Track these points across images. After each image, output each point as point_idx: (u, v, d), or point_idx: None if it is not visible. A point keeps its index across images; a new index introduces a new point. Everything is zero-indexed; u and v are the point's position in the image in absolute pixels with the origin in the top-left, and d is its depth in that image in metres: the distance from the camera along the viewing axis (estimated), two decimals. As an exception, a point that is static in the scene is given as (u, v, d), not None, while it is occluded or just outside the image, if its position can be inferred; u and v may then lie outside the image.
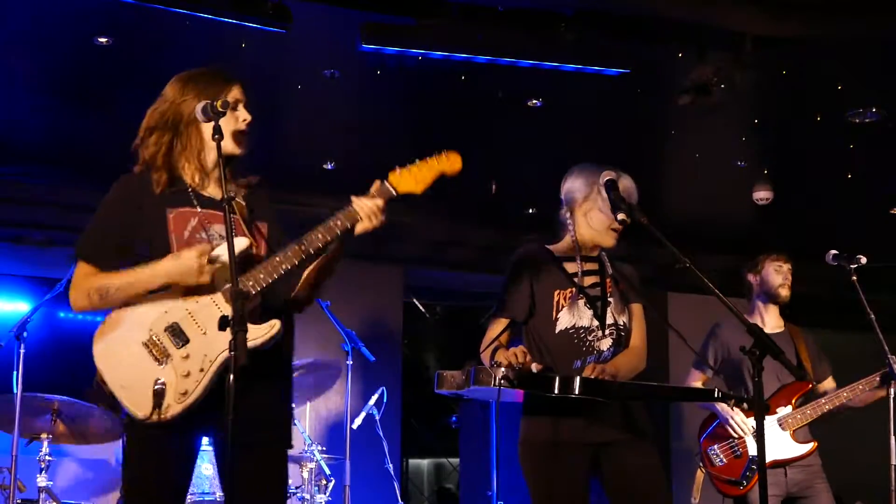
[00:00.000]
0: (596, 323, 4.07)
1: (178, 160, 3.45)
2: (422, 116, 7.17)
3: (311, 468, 6.50)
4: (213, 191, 3.49)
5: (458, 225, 9.18)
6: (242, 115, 3.50)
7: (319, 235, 3.34)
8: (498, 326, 4.17)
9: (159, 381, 3.26)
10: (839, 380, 5.63)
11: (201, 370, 3.27)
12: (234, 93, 3.50)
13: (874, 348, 5.28)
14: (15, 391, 5.74)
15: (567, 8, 5.67)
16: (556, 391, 3.65)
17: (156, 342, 3.30)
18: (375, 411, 7.18)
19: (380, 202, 3.38)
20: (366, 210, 3.36)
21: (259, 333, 3.27)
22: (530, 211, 8.08)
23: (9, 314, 8.03)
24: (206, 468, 6.12)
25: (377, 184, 3.43)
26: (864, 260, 5.37)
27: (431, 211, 8.92)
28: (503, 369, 3.65)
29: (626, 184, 4.05)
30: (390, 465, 7.30)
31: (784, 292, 5.67)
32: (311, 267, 3.50)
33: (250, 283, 3.28)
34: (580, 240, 4.17)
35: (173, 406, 3.25)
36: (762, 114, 6.97)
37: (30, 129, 7.32)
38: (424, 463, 11.84)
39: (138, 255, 3.38)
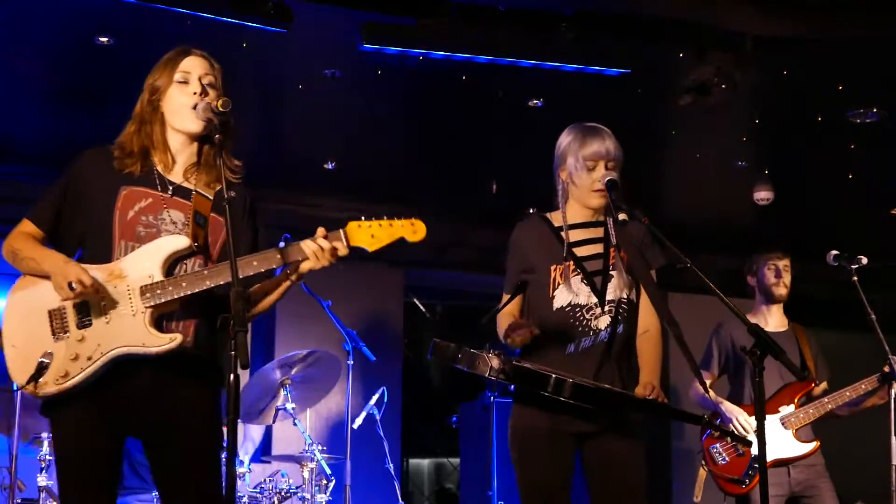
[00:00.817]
0: (594, 300, 3.98)
1: (148, 146, 3.42)
2: (422, 116, 7.17)
3: (312, 468, 6.49)
4: (178, 176, 3.44)
5: (459, 225, 9.17)
6: (192, 87, 3.40)
7: (255, 262, 3.26)
8: (507, 300, 4.13)
9: (46, 355, 3.22)
10: (839, 379, 5.62)
11: (89, 358, 3.22)
12: (186, 63, 3.43)
13: (875, 348, 5.28)
14: (15, 390, 5.74)
15: (567, 8, 5.67)
16: (548, 391, 3.63)
17: (60, 314, 3.27)
18: (376, 411, 7.17)
19: (326, 245, 3.27)
20: (311, 248, 3.26)
21: (157, 343, 3.23)
22: (531, 211, 8.07)
23: (9, 314, 8.02)
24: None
25: (337, 232, 3.32)
26: (864, 260, 5.37)
27: (432, 211, 8.91)
28: (498, 358, 3.62)
29: (595, 148, 3.96)
30: (391, 465, 7.29)
31: (779, 290, 5.66)
32: (255, 287, 3.44)
33: (170, 287, 3.23)
34: (571, 203, 4.07)
35: (50, 385, 3.21)
36: (763, 114, 6.96)
37: (31, 129, 7.32)
38: (425, 463, 11.82)
39: (83, 227, 3.39)
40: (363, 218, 3.34)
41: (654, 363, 4.03)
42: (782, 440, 5.40)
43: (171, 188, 3.41)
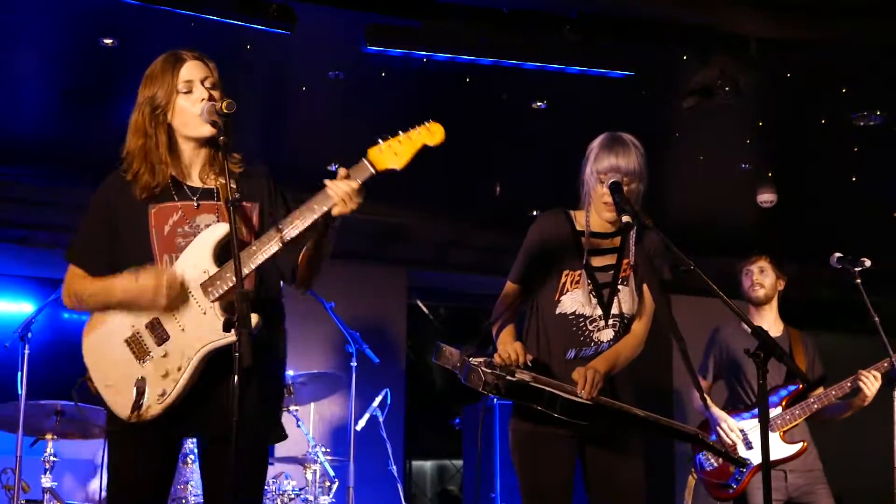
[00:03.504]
0: (599, 312, 3.97)
1: (157, 161, 3.39)
2: (426, 118, 7.14)
3: (315, 470, 6.50)
4: (196, 181, 3.44)
5: (462, 227, 9.18)
6: (198, 94, 3.38)
7: (297, 222, 3.25)
8: (511, 290, 4.12)
9: (139, 380, 3.24)
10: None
11: (179, 369, 3.23)
12: (186, 72, 3.39)
13: (878, 351, 5.28)
14: (20, 392, 5.74)
15: (571, 10, 5.67)
16: (541, 408, 3.64)
17: (137, 339, 3.28)
18: (379, 413, 7.17)
19: (354, 184, 3.28)
20: (339, 193, 3.26)
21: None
22: (534, 213, 8.07)
23: (13, 315, 8.03)
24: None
25: (362, 162, 3.34)
26: (868, 263, 5.36)
27: (435, 212, 8.93)
28: (493, 374, 3.63)
29: (608, 164, 3.92)
30: (394, 467, 7.30)
31: (755, 293, 5.60)
32: (302, 252, 3.42)
33: (227, 274, 3.22)
34: (592, 210, 4.04)
35: (153, 406, 3.22)
36: (766, 116, 6.96)
37: (35, 130, 7.33)
38: (427, 465, 11.83)
39: (120, 253, 3.37)
40: (380, 141, 3.35)
41: (615, 355, 3.95)
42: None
43: (196, 196, 3.41)
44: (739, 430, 5.41)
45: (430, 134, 3.41)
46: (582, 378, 3.75)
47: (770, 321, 5.64)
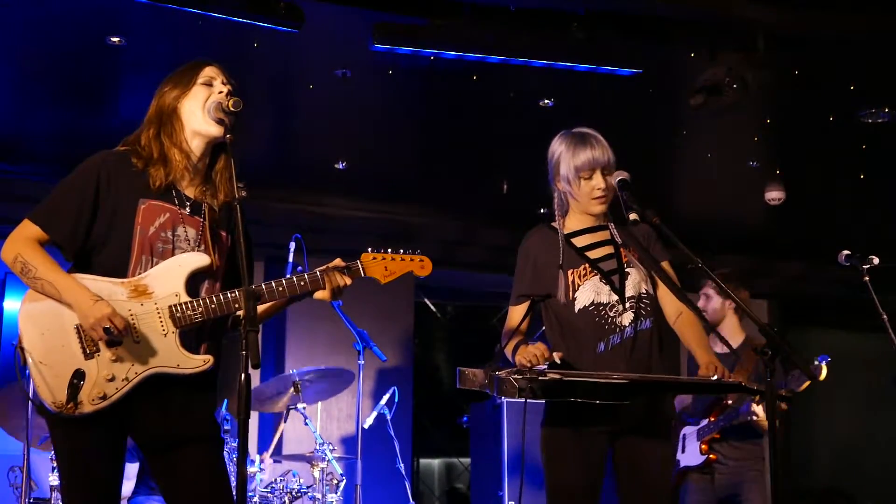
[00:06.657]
0: (615, 297, 3.99)
1: (169, 149, 3.39)
2: (433, 116, 7.17)
3: (323, 468, 6.50)
4: (190, 189, 3.43)
5: (470, 225, 9.18)
6: (219, 88, 3.43)
7: (280, 289, 3.36)
8: (516, 314, 4.11)
9: (78, 374, 3.18)
10: (849, 380, 5.60)
11: (125, 379, 3.20)
12: (208, 72, 3.46)
13: (887, 349, 5.26)
14: (27, 390, 5.74)
15: (579, 8, 5.67)
16: (580, 399, 3.63)
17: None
18: (387, 411, 7.18)
19: (348, 281, 3.46)
20: (333, 284, 3.43)
21: (192, 364, 3.25)
22: (542, 211, 8.08)
23: (20, 313, 8.04)
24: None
25: (355, 263, 3.51)
26: (876, 260, 5.35)
27: (443, 210, 8.93)
28: (525, 378, 3.61)
29: (587, 158, 4.00)
30: (401, 465, 7.30)
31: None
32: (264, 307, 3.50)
33: (200, 308, 3.25)
34: (573, 213, 4.11)
35: (86, 405, 3.17)
36: (774, 114, 6.95)
37: (41, 129, 7.33)
38: (435, 463, 11.82)
39: (96, 236, 3.32)
40: (370, 250, 3.55)
41: (705, 341, 4.06)
42: (691, 451, 5.57)
43: (188, 204, 3.40)
44: (680, 435, 5.61)
45: (421, 267, 3.63)
46: (711, 369, 3.86)
47: (726, 335, 5.58)
